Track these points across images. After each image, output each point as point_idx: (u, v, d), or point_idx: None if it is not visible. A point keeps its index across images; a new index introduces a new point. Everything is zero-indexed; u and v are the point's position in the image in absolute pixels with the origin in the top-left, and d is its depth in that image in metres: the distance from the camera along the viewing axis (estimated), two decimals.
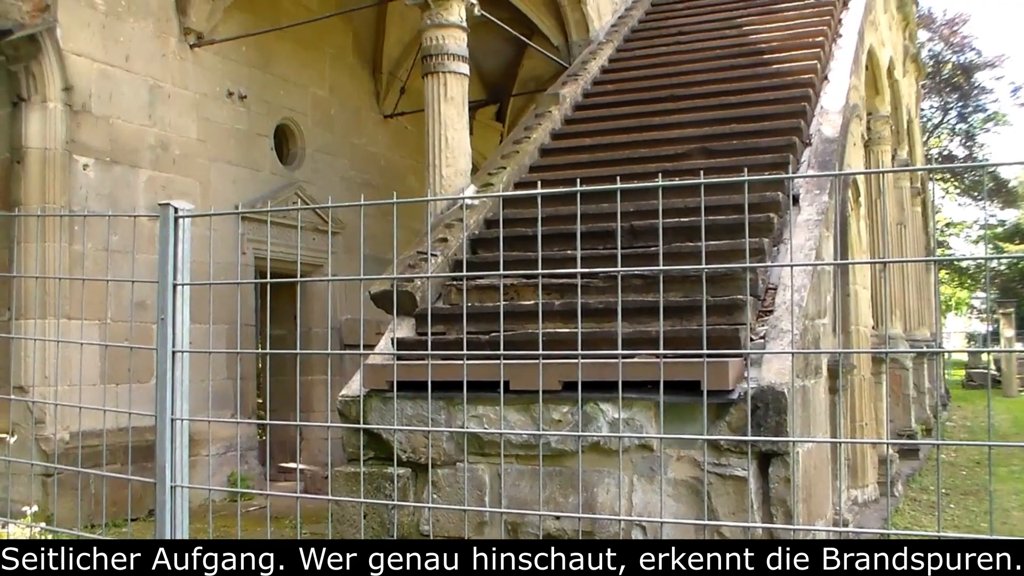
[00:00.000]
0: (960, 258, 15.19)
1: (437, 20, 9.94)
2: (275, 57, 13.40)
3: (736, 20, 13.77)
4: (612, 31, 14.17)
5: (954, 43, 42.79)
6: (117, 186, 10.92)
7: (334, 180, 14.41)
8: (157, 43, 11.50)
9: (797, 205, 8.26)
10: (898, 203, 19.36)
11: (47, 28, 10.22)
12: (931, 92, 42.68)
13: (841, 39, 12.75)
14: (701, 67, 12.34)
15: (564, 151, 10.85)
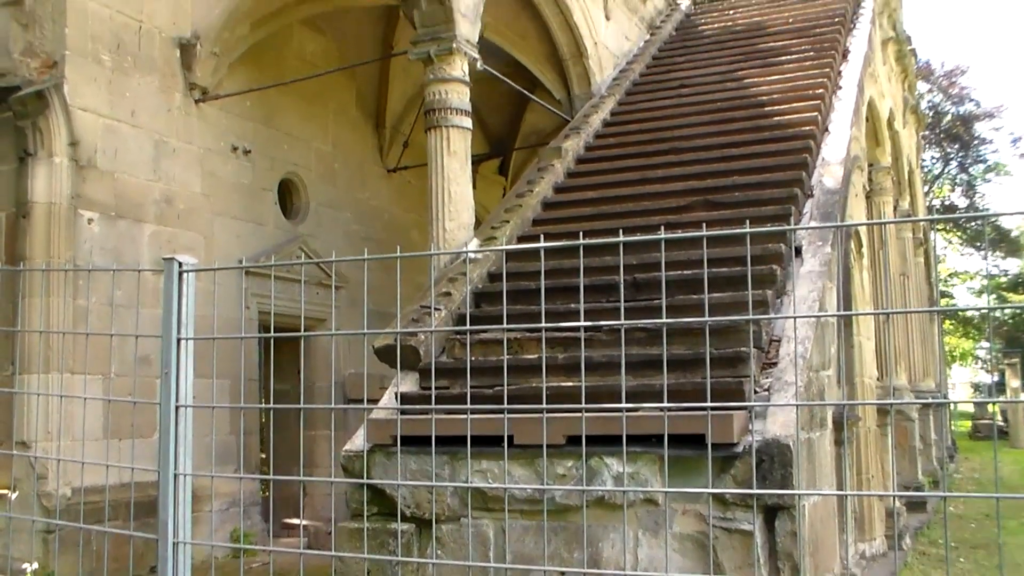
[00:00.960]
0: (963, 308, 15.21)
1: (440, 75, 10.03)
2: (279, 112, 13.49)
3: (737, 73, 13.88)
4: (614, 84, 14.28)
5: (953, 94, 43.04)
6: (122, 240, 10.95)
7: (338, 234, 14.45)
8: (162, 98, 11.59)
9: (800, 257, 8.27)
10: (901, 254, 19.39)
11: (55, 84, 10.31)
12: (931, 143, 42.86)
13: (841, 91, 12.84)
14: (703, 119, 12.42)
15: (567, 204, 10.88)
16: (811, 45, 14.35)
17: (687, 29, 17.32)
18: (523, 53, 14.03)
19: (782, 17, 16.33)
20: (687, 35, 16.96)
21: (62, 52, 10.43)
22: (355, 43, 14.56)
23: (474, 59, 10.34)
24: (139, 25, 11.29)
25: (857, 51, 14.29)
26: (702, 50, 15.77)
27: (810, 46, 14.31)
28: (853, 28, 15.40)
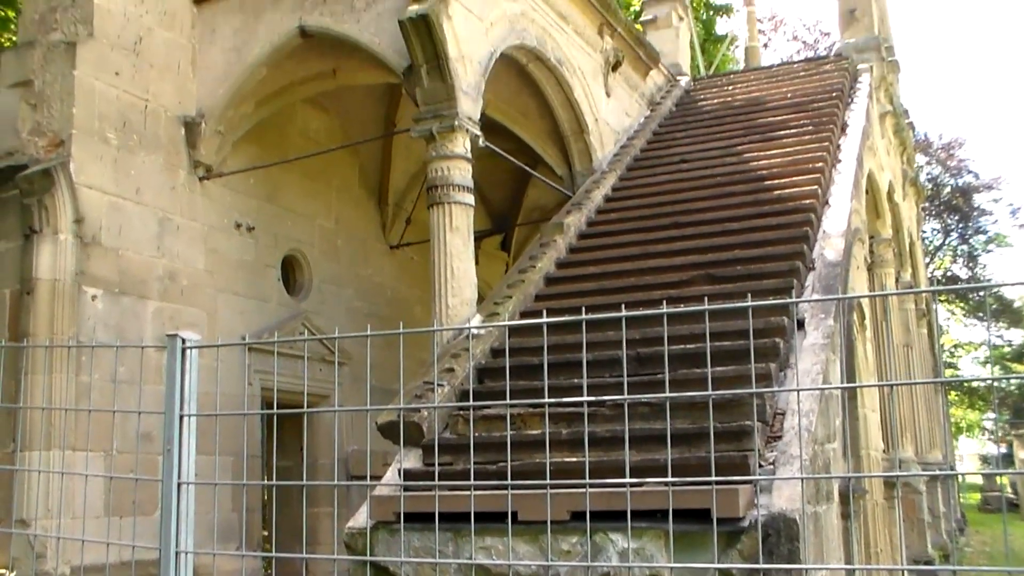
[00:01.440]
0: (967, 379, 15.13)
1: (442, 152, 10.13)
2: (282, 189, 13.60)
3: (736, 148, 14.00)
4: (615, 160, 14.40)
5: (951, 167, 43.33)
6: (125, 317, 10.97)
7: (340, 311, 14.47)
8: (167, 176, 11.69)
9: (803, 329, 8.28)
10: (904, 325, 19.39)
11: (61, 162, 10.41)
12: (932, 215, 43.06)
13: (840, 164, 12.95)
14: (703, 194, 12.51)
15: (569, 280, 10.92)
16: (810, 120, 14.49)
17: (687, 105, 17.52)
18: (525, 130, 14.17)
19: (780, 92, 16.52)
20: (687, 111, 17.14)
21: (69, 131, 10.56)
22: (358, 121, 14.72)
23: (476, 136, 10.45)
24: (145, 104, 11.44)
25: (855, 125, 14.44)
26: (702, 126, 15.93)
27: (809, 121, 14.45)
28: (851, 103, 15.58)
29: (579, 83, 13.63)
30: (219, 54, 12.01)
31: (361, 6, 10.97)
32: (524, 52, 12.45)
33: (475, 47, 10.76)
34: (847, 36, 18.78)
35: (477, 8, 10.89)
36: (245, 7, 11.89)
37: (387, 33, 10.60)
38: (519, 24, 12.00)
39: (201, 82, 12.08)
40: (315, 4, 11.32)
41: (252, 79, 11.90)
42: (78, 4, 11.00)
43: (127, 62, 11.26)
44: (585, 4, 13.81)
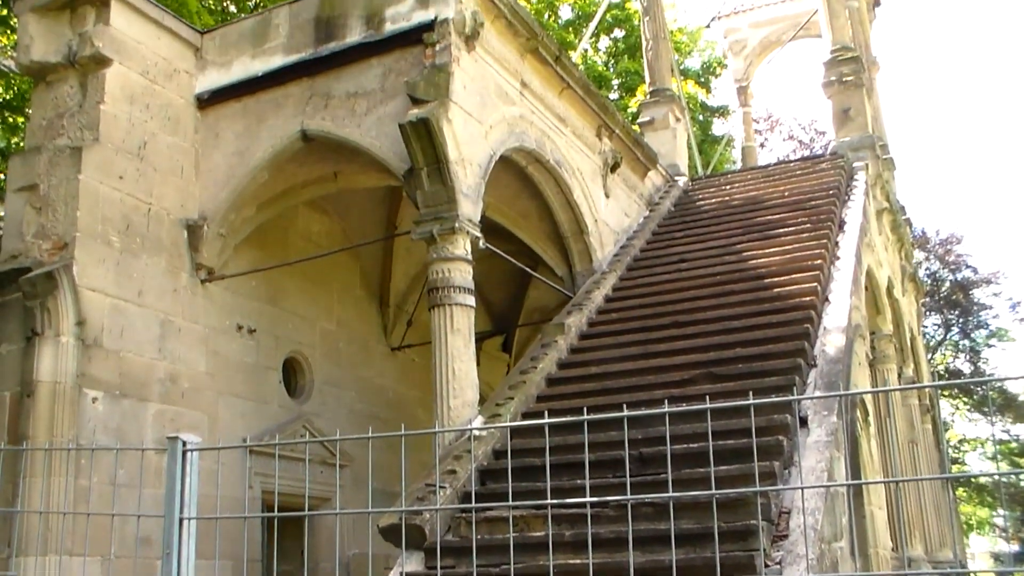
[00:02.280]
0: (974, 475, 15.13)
1: (443, 254, 10.20)
2: (284, 292, 13.64)
3: (735, 246, 14.09)
4: (615, 260, 14.48)
5: (950, 262, 43.48)
6: (125, 419, 10.92)
7: (342, 413, 14.41)
8: (169, 278, 11.75)
9: (806, 427, 8.25)
10: (908, 421, 19.27)
11: (64, 265, 10.47)
12: (932, 310, 43.08)
13: (839, 261, 13.03)
14: (703, 293, 12.56)
15: (571, 380, 10.91)
16: (807, 217, 14.60)
17: (685, 205, 17.68)
18: (525, 231, 14.27)
19: (778, 191, 16.68)
20: (685, 211, 17.29)
21: (73, 234, 10.64)
22: (359, 223, 14.83)
23: (476, 238, 10.53)
24: (148, 207, 11.54)
25: (853, 222, 14.56)
26: (700, 225, 16.06)
27: (806, 218, 14.57)
28: (848, 200, 15.73)
29: (578, 184, 13.77)
30: (222, 158, 12.16)
31: (362, 110, 11.14)
32: (523, 154, 12.60)
33: (475, 150, 10.90)
34: (842, 135, 19.03)
35: (476, 111, 11.06)
36: (248, 112, 12.07)
37: (388, 137, 10.75)
38: (518, 127, 12.17)
39: (204, 185, 12.20)
40: (317, 108, 11.49)
41: (254, 182, 12.02)
42: (85, 110, 11.19)
43: (131, 166, 11.40)
44: (583, 107, 14.02)
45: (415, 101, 10.39)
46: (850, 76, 19.27)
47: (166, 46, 12.08)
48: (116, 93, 11.32)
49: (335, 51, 11.46)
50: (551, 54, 12.77)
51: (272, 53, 11.95)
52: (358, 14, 11.41)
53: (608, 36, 34.99)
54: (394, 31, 11.06)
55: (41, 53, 11.44)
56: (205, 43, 12.48)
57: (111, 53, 11.29)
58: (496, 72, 11.77)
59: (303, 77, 11.67)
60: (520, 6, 12.23)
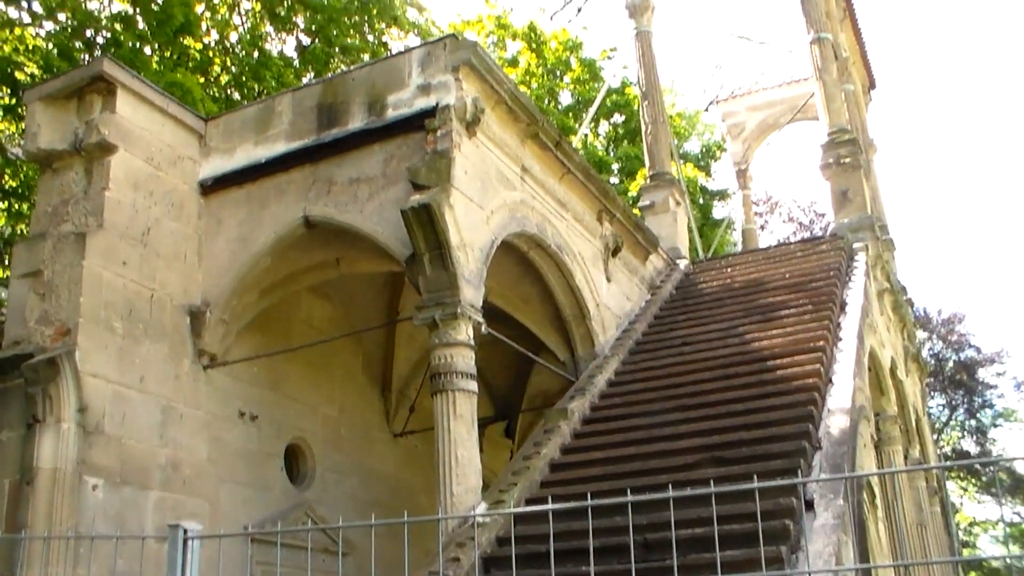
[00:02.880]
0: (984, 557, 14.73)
1: (445, 339, 10.19)
2: (286, 378, 13.61)
3: (738, 329, 14.09)
4: (617, 344, 14.46)
5: (952, 341, 43.44)
6: (126, 507, 10.82)
7: (344, 500, 14.28)
8: (171, 365, 11.72)
9: (812, 510, 8.17)
10: (916, 504, 19.06)
11: (66, 351, 10.45)
12: (936, 390, 42.93)
13: (842, 343, 13.01)
14: (707, 376, 12.52)
15: (574, 466, 10.84)
16: (809, 299, 14.62)
17: (687, 288, 17.71)
18: (527, 316, 14.28)
19: (779, 273, 16.72)
20: (687, 294, 17.32)
21: (76, 320, 10.64)
22: (361, 309, 14.85)
23: (478, 323, 10.53)
24: (151, 293, 11.57)
25: (854, 303, 14.58)
26: (702, 308, 16.07)
27: (808, 300, 14.58)
28: (849, 281, 15.77)
29: (580, 269, 13.81)
30: (225, 244, 12.22)
31: (364, 196, 11.22)
32: (525, 239, 12.67)
33: (476, 235, 10.96)
34: (841, 216, 19.15)
35: (478, 197, 11.14)
36: (251, 198, 12.16)
37: (389, 223, 10.81)
38: (519, 212, 12.25)
39: (206, 271, 12.24)
40: (319, 195, 11.58)
41: (257, 268, 12.06)
42: (89, 196, 11.27)
43: (135, 252, 11.45)
44: (584, 191, 14.12)
45: (417, 187, 10.48)
46: (847, 158, 19.46)
47: (171, 133, 12.22)
48: (121, 179, 11.42)
49: (338, 137, 11.58)
50: (551, 139, 12.90)
51: (275, 139, 12.09)
52: (360, 101, 11.56)
53: (608, 121, 35.40)
54: (396, 117, 11.19)
55: (48, 140, 11.56)
56: (209, 130, 12.63)
57: (116, 140, 11.41)
58: (497, 157, 11.88)
59: (306, 163, 11.78)
60: (520, 92, 12.39)
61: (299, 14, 23.68)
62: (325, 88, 12.12)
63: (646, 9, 22.55)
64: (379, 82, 11.54)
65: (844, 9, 25.31)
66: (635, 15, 22.55)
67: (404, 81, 11.31)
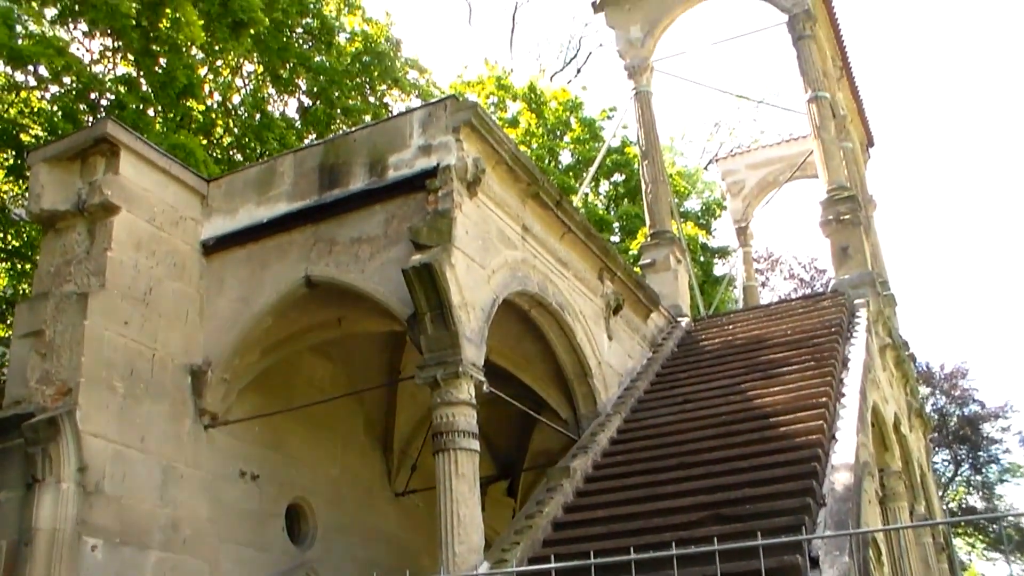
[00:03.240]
0: None
1: (447, 398, 10.17)
2: (288, 437, 13.56)
3: (740, 386, 14.07)
4: (619, 402, 14.43)
5: (956, 396, 43.35)
6: (125, 567, 10.72)
7: (346, 560, 14.17)
8: (172, 424, 11.68)
9: (818, 568, 8.12)
10: (923, 561, 18.90)
11: (67, 411, 10.43)
12: (941, 446, 42.73)
13: (845, 399, 13.00)
14: (709, 433, 12.49)
15: (577, 524, 10.78)
16: (811, 355, 14.61)
17: (688, 345, 17.69)
18: (528, 374, 14.26)
19: (780, 330, 16.72)
20: (689, 351, 17.30)
21: (77, 379, 10.63)
22: (363, 368, 14.84)
23: (480, 382, 10.51)
24: (153, 353, 11.57)
25: (856, 359, 14.56)
26: (704, 365, 16.05)
27: (810, 356, 14.57)
28: (850, 337, 15.76)
29: (581, 327, 13.81)
30: (226, 303, 12.25)
31: (366, 256, 11.27)
32: (526, 298, 12.68)
33: (478, 294, 10.98)
34: (841, 273, 19.18)
35: (479, 256, 11.18)
36: (252, 258, 12.21)
37: (391, 282, 10.83)
38: (520, 271, 12.28)
39: (208, 331, 12.25)
40: (320, 255, 11.63)
41: (258, 328, 12.08)
42: (92, 257, 11.32)
43: (136, 312, 11.47)
44: (585, 250, 14.17)
45: (418, 247, 10.52)
46: (847, 215, 19.53)
47: (173, 194, 12.30)
48: (123, 240, 11.47)
49: (339, 198, 11.66)
50: (552, 199, 12.97)
51: (277, 200, 12.16)
52: (362, 161, 11.65)
53: (608, 180, 35.63)
54: (397, 178, 11.27)
55: (51, 201, 11.63)
56: (211, 191, 12.71)
57: (119, 201, 11.47)
58: (498, 217, 11.94)
59: (307, 223, 11.84)
60: (521, 152, 12.48)
61: (301, 76, 23.97)
62: (327, 149, 12.22)
63: (645, 70, 22.76)
64: (380, 143, 11.64)
65: (841, 68, 25.54)
66: (634, 75, 22.77)
67: (405, 142, 11.40)
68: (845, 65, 25.83)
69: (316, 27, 23.99)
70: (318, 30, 24.01)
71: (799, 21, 21.12)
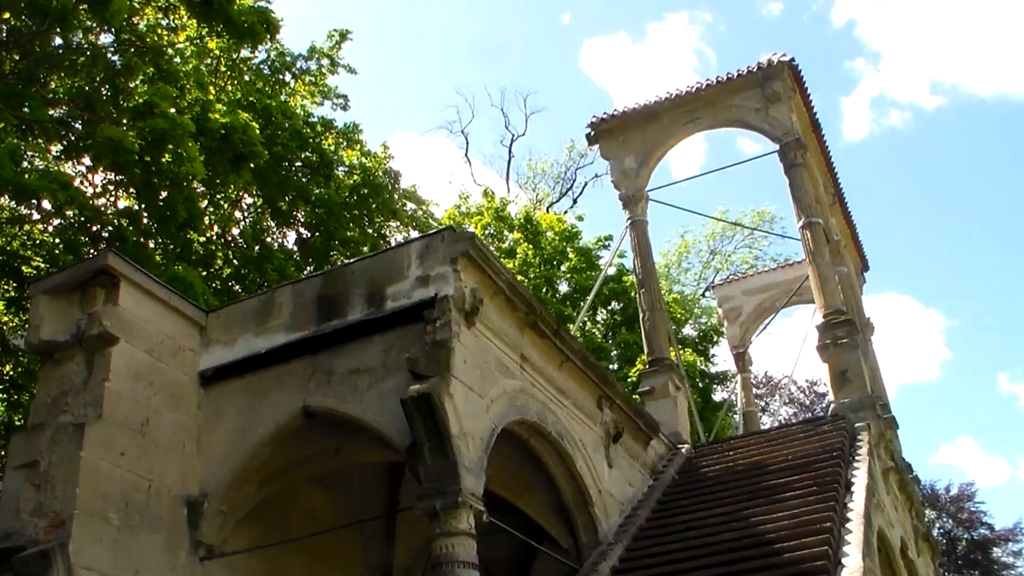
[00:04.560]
0: None
1: (446, 528, 10.05)
2: (285, 569, 13.31)
3: (742, 512, 13.93)
4: (621, 531, 14.26)
5: (963, 519, 42.84)
6: None
7: None
8: (167, 556, 11.48)
9: None
10: None
11: (60, 544, 10.26)
12: (950, 571, 42.03)
13: (849, 523, 12.86)
14: (713, 561, 12.34)
15: None
16: (813, 480, 14.50)
17: (689, 472, 17.55)
18: (528, 503, 14.13)
19: (781, 455, 16.62)
20: (690, 478, 17.16)
21: (71, 511, 10.48)
22: (361, 498, 14.69)
23: (480, 512, 10.40)
24: (149, 484, 11.44)
25: (860, 483, 14.44)
26: (706, 492, 15.91)
27: (812, 481, 14.46)
28: (853, 461, 15.65)
29: (581, 455, 13.72)
30: (224, 434, 12.18)
31: (364, 386, 11.26)
32: (525, 427, 12.63)
33: (476, 424, 10.94)
34: (841, 396, 19.12)
35: (477, 386, 11.17)
36: (251, 388, 12.19)
37: (389, 412, 10.79)
38: (519, 400, 12.26)
39: (205, 461, 12.15)
40: (319, 385, 11.62)
41: (256, 458, 11.99)
42: (89, 387, 11.29)
43: (133, 443, 11.38)
44: (583, 378, 14.17)
45: (416, 376, 10.52)
46: (845, 338, 19.57)
47: (172, 325, 12.34)
48: (121, 371, 11.46)
49: (337, 328, 11.69)
50: (550, 328, 13.03)
51: (275, 331, 12.20)
52: (360, 292, 11.72)
53: (605, 308, 35.80)
54: (395, 308, 11.33)
55: (50, 332, 11.66)
56: (210, 321, 12.75)
57: (118, 332, 11.50)
58: (496, 346, 11.97)
59: (306, 354, 11.85)
60: (518, 283, 12.58)
61: (300, 208, 24.32)
62: (325, 280, 12.31)
63: (639, 199, 23.07)
64: (378, 274, 11.73)
65: (833, 195, 25.92)
66: (629, 205, 23.06)
67: (403, 272, 11.49)
68: (837, 191, 26.22)
69: (315, 160, 24.40)
70: (317, 163, 24.42)
71: (790, 150, 21.50)
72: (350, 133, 26.17)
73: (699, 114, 22.88)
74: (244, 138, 20.27)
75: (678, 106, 22.93)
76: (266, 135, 21.91)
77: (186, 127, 18.13)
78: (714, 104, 22.67)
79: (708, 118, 22.92)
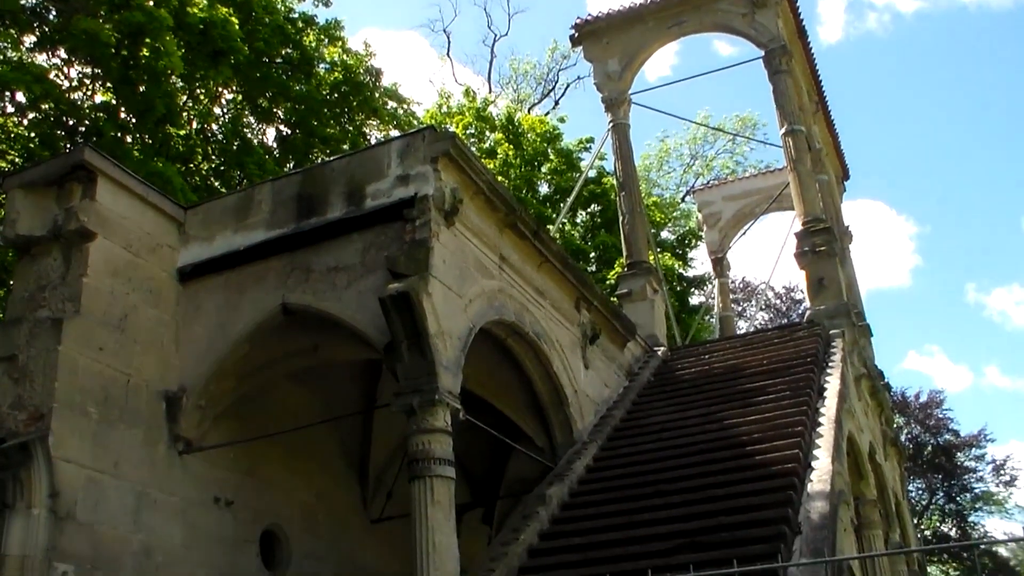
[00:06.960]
0: None
1: (423, 426, 10.16)
2: (263, 464, 13.48)
3: (716, 414, 14.12)
4: (595, 430, 14.45)
5: (931, 425, 43.54)
6: None
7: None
8: (146, 450, 11.59)
9: None
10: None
11: (39, 436, 10.33)
12: (915, 475, 42.85)
13: (820, 427, 13.06)
14: (685, 461, 12.53)
15: (553, 551, 10.77)
16: (787, 385, 14.69)
17: (665, 375, 17.75)
18: (505, 403, 14.26)
19: (757, 359, 16.80)
20: (665, 380, 17.35)
21: (50, 405, 10.54)
22: (339, 395, 14.78)
23: (457, 410, 10.50)
24: (127, 379, 11.49)
25: (832, 389, 14.64)
26: (681, 394, 16.10)
27: (786, 386, 14.65)
28: (826, 367, 15.84)
29: (558, 356, 13.84)
30: (202, 330, 12.20)
31: (343, 284, 11.26)
32: (503, 327, 12.70)
33: (454, 323, 10.99)
34: (817, 303, 19.28)
35: (456, 285, 11.20)
36: (229, 285, 12.18)
37: (368, 310, 10.82)
38: (497, 300, 12.31)
39: (184, 357, 12.18)
40: (298, 282, 11.61)
41: (235, 355, 12.04)
42: (67, 283, 11.25)
43: (111, 338, 11.41)
44: (561, 279, 14.21)
45: (395, 275, 10.53)
46: (823, 246, 19.67)
47: (150, 221, 12.27)
48: (99, 266, 11.42)
49: (316, 226, 11.66)
50: (529, 229, 13.02)
51: (254, 228, 12.15)
52: (340, 191, 11.66)
53: (585, 210, 35.78)
54: (375, 207, 11.28)
55: (27, 227, 11.57)
56: (189, 218, 12.69)
57: (96, 227, 11.43)
58: (475, 246, 11.97)
59: (284, 252, 11.83)
60: (498, 183, 12.54)
61: (280, 106, 24.03)
62: (305, 178, 12.24)
63: (622, 103, 22.93)
64: (358, 172, 11.66)
65: (816, 103, 25.80)
66: (611, 108, 22.92)
67: (383, 171, 11.43)
68: (821, 100, 26.10)
69: (296, 57, 24.07)
70: (298, 60, 24.09)
71: (775, 56, 21.34)
72: (331, 30, 25.76)
73: (684, 17, 22.64)
74: (223, 33, 19.95)
75: (664, 9, 22.67)
76: (246, 31, 21.55)
77: (164, 21, 17.81)
78: (700, 7, 22.43)
79: (693, 22, 22.69)
